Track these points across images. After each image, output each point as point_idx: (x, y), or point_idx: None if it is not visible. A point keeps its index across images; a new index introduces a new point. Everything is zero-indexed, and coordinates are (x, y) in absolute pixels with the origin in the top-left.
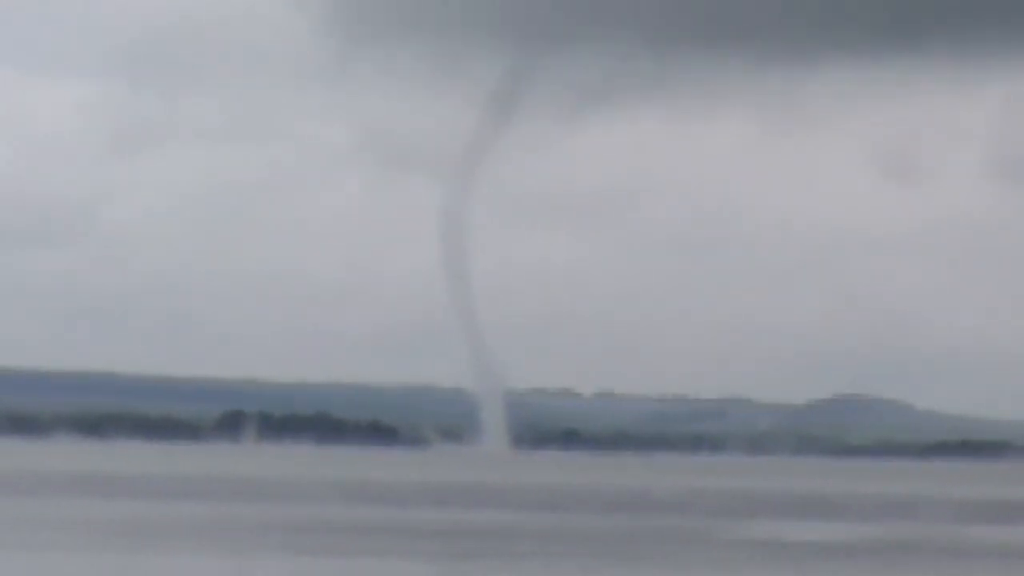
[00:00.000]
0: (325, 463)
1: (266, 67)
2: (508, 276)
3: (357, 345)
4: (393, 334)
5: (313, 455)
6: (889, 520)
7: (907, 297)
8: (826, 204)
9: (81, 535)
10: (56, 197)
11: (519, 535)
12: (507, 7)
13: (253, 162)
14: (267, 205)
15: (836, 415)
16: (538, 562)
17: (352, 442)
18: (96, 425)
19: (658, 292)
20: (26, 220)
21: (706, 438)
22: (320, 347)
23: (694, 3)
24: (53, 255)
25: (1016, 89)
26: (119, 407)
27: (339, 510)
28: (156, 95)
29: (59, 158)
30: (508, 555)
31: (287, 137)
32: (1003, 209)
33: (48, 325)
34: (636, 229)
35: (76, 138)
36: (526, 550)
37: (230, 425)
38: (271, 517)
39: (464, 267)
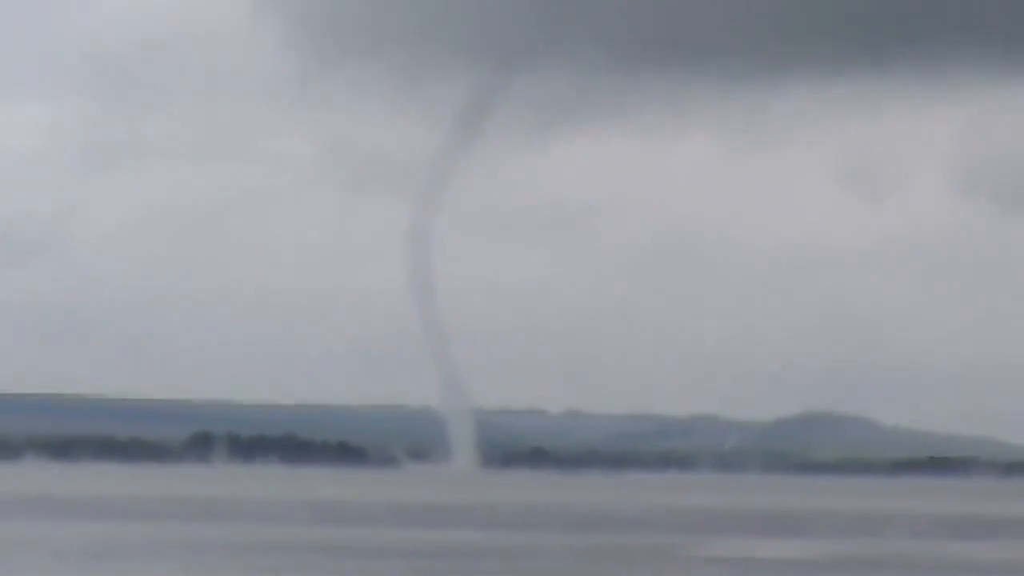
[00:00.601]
0: (294, 484)
1: (231, 85)
2: (475, 294)
3: (324, 365)
4: (360, 354)
5: (282, 476)
6: (856, 537)
7: (873, 314)
8: (792, 221)
9: (51, 557)
10: (21, 216)
11: (487, 554)
12: (473, 25)
13: (219, 180)
14: (233, 223)
15: (803, 432)
16: None
17: (321, 463)
18: (64, 448)
19: (625, 309)
20: None
21: (674, 456)
22: (287, 367)
23: (660, 21)
24: (18, 274)
25: (979, 106)
26: (87, 429)
27: (308, 530)
28: (121, 114)
29: (25, 177)
30: (476, 573)
31: (253, 155)
32: (968, 225)
33: (14, 346)
34: (603, 246)
35: (42, 157)
36: (494, 568)
37: (199, 446)
38: (240, 537)
39: (430, 285)
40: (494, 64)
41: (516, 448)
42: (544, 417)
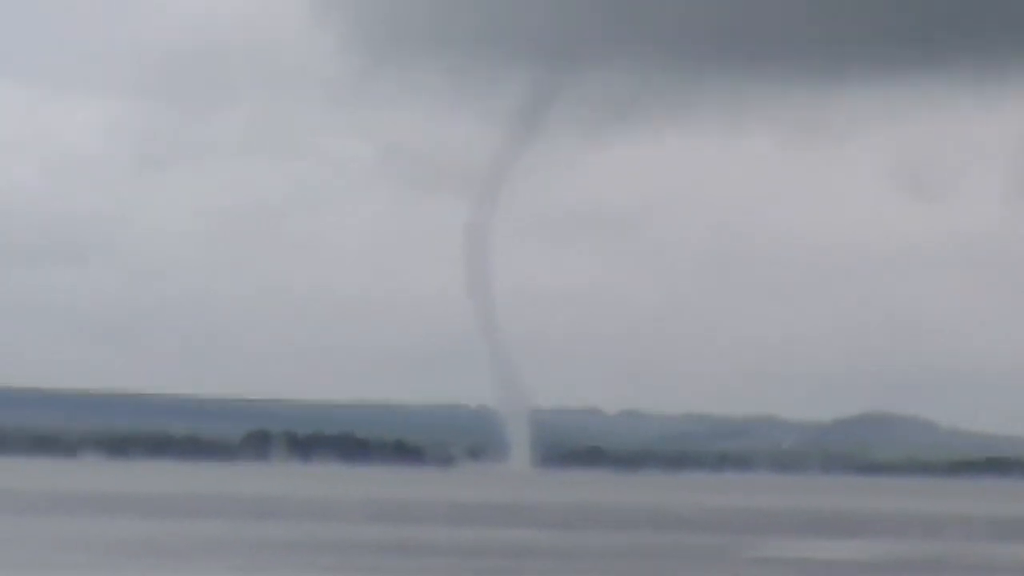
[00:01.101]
0: (350, 482)
1: (290, 85)
2: (532, 294)
3: (382, 364)
4: (418, 353)
5: (338, 474)
6: (912, 538)
7: (931, 314)
8: (849, 222)
9: (108, 554)
10: (83, 216)
11: (541, 553)
12: (531, 25)
13: (278, 180)
14: (292, 223)
15: (861, 433)
16: None
17: (378, 462)
18: (121, 445)
19: (682, 310)
20: (53, 239)
21: (730, 456)
22: (345, 366)
23: (717, 21)
24: (79, 274)
25: None
26: (144, 427)
27: (363, 529)
28: (181, 114)
29: (85, 177)
30: (530, 572)
31: (312, 155)
32: None
33: (75, 345)
34: (660, 247)
35: (102, 157)
36: (548, 567)
37: (255, 445)
38: (295, 536)
39: (488, 285)
40: (553, 64)
41: (572, 448)
42: (601, 417)
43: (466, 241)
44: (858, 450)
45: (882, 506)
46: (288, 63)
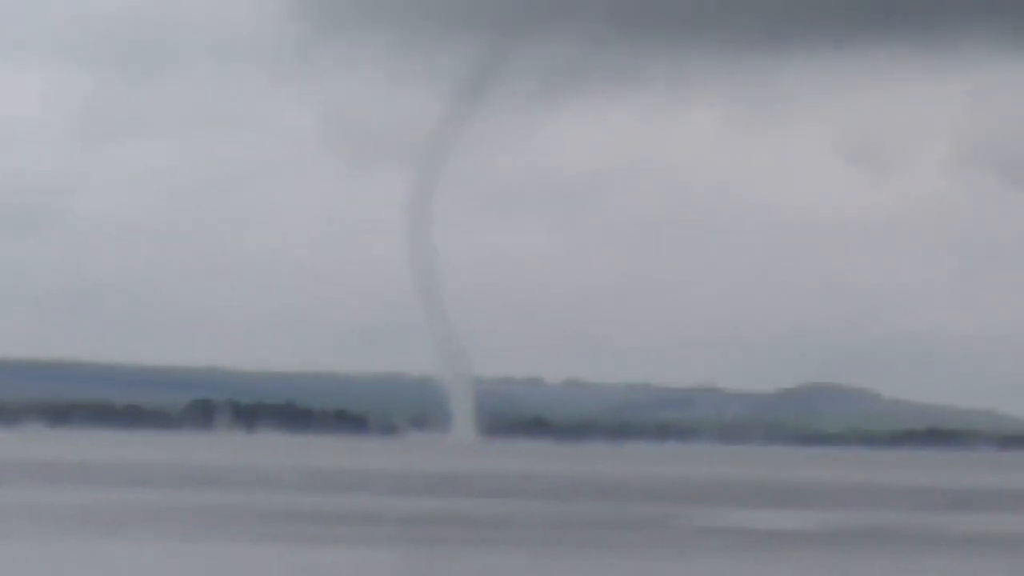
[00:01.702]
0: (292, 451)
1: (231, 54)
2: (476, 264)
3: (325, 334)
4: (361, 323)
5: (281, 444)
6: (853, 508)
7: (875, 286)
8: (796, 193)
9: (49, 523)
10: (21, 185)
11: (485, 522)
12: None
13: (220, 149)
14: (234, 193)
15: (805, 404)
16: (501, 548)
17: (320, 431)
18: (63, 414)
19: (626, 280)
20: None
21: (674, 426)
22: (288, 336)
23: None
24: (21, 242)
25: (982, 78)
26: (86, 396)
27: (307, 498)
28: (120, 82)
29: (24, 145)
30: (473, 542)
31: (254, 124)
32: (971, 197)
33: (17, 313)
34: (605, 217)
35: (41, 125)
36: (489, 536)
37: (198, 413)
38: (240, 504)
39: (431, 256)
40: (498, 35)
41: (515, 417)
42: (543, 386)
43: (408, 211)
44: (801, 421)
45: (825, 477)
46: (230, 32)
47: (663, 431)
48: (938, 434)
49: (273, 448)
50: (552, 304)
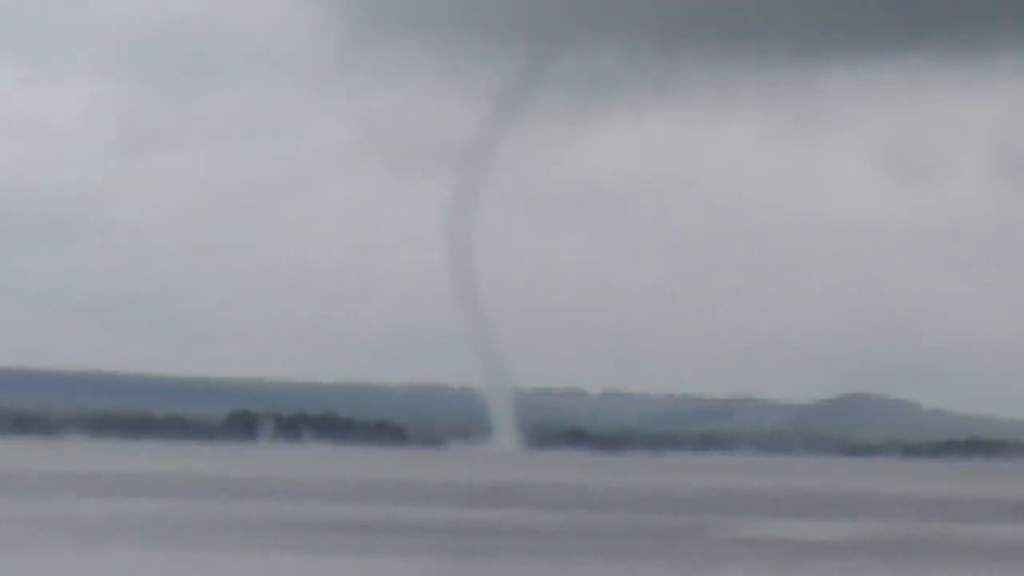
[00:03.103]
0: (335, 462)
1: (270, 66)
2: (515, 274)
3: (366, 345)
4: (402, 334)
5: (323, 455)
6: (894, 519)
7: (915, 296)
8: (834, 203)
9: (91, 535)
10: (65, 195)
11: (525, 532)
12: (513, 5)
13: (259, 160)
14: (274, 204)
15: (844, 414)
16: (540, 558)
17: (362, 442)
18: (105, 425)
19: (665, 291)
20: (35, 218)
21: (714, 437)
22: (329, 347)
23: (701, 3)
24: (63, 254)
25: (1022, 87)
26: (128, 407)
27: (349, 509)
28: (160, 93)
29: (67, 157)
30: (512, 551)
31: (293, 135)
32: (1010, 208)
33: (58, 324)
34: (643, 228)
35: (84, 137)
36: (529, 546)
37: (238, 425)
38: (283, 515)
39: (471, 266)
40: (535, 45)
41: (556, 428)
42: (584, 398)
43: (448, 221)
44: (841, 431)
45: (863, 487)
46: (268, 43)
47: (703, 442)
48: (978, 444)
49: (314, 459)
50: (592, 315)
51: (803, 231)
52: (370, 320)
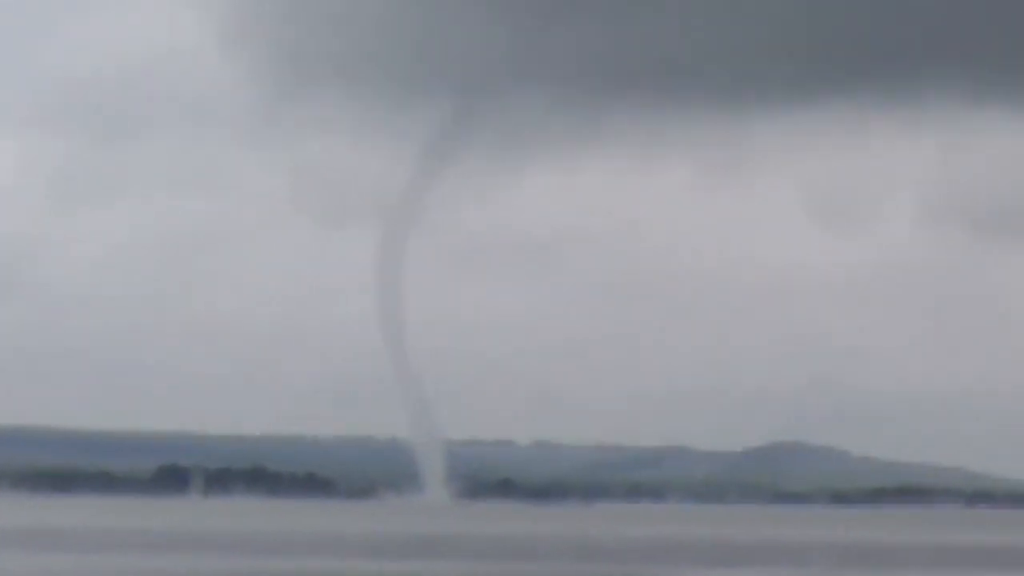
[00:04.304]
0: (265, 515)
1: (200, 118)
2: (443, 324)
3: (294, 396)
4: (330, 385)
5: (251, 507)
6: (824, 566)
7: (843, 344)
8: (763, 251)
9: None
10: None
11: None
12: (442, 57)
13: (191, 212)
14: (204, 255)
15: (773, 462)
16: None
17: (291, 495)
18: (31, 480)
19: (594, 340)
20: None
21: (644, 486)
22: (257, 399)
23: (629, 51)
24: None
25: (951, 136)
26: (55, 462)
27: (280, 561)
28: (94, 147)
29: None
30: None
31: (223, 188)
32: (938, 255)
33: None
34: (572, 277)
35: (11, 192)
36: None
37: (168, 478)
38: (213, 569)
39: (399, 316)
40: (463, 95)
41: (485, 479)
42: (513, 448)
43: (377, 271)
44: (771, 479)
45: (792, 535)
46: (198, 95)
47: (633, 491)
48: (908, 491)
49: (244, 512)
50: (521, 364)
51: (733, 279)
52: (298, 371)
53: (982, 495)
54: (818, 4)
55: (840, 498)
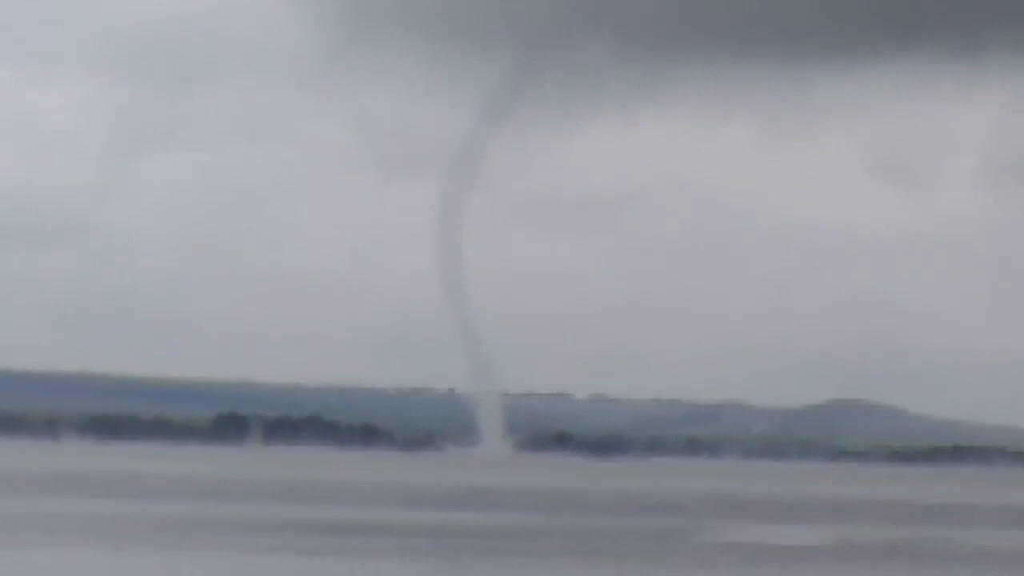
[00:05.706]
0: (323, 465)
1: (265, 66)
2: (504, 278)
3: (354, 347)
4: (390, 336)
5: (310, 457)
6: (877, 523)
7: (903, 302)
8: (824, 209)
9: (84, 534)
10: (57, 198)
11: (510, 535)
12: (505, 9)
13: (251, 162)
14: (266, 206)
15: (830, 419)
16: (524, 560)
17: (348, 445)
18: (93, 426)
19: (653, 296)
20: (26, 221)
21: (700, 442)
22: (316, 349)
23: (693, 6)
24: (54, 257)
25: (1015, 93)
26: (115, 409)
27: (336, 511)
28: (156, 95)
29: (60, 159)
30: (498, 554)
31: (285, 138)
32: (1000, 214)
33: (47, 326)
34: (633, 233)
35: (76, 139)
36: (513, 548)
37: (225, 427)
38: (269, 518)
39: (460, 270)
40: (527, 49)
41: (542, 432)
42: (570, 401)
43: (437, 224)
44: (827, 436)
45: (848, 492)
46: (260, 44)
47: (690, 446)
48: (963, 451)
49: (301, 462)
50: (580, 319)
51: (793, 236)
52: (359, 323)
53: None
54: None
55: (896, 456)
